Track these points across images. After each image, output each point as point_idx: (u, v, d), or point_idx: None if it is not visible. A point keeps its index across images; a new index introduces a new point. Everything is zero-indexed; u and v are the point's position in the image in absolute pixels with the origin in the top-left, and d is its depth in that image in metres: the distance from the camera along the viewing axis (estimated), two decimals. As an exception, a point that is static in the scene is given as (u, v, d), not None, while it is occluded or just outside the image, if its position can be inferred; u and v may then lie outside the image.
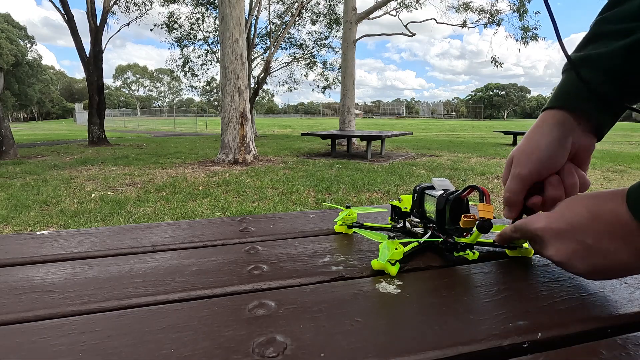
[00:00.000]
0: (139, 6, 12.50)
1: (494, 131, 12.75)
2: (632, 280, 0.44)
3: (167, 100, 78.48)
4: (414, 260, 0.49)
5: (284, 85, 17.29)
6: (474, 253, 0.48)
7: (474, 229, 0.46)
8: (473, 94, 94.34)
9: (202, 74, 18.15)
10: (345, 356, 0.29)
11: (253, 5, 12.64)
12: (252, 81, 13.62)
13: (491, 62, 11.90)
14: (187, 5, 14.30)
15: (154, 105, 76.47)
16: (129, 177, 5.14)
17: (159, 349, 0.30)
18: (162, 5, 13.84)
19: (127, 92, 78.66)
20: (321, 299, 0.39)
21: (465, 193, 0.48)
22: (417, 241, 0.50)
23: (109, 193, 4.19)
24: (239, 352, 0.30)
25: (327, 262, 0.48)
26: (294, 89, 17.50)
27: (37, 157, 7.45)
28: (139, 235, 0.59)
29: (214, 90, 18.58)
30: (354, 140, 9.37)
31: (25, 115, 70.28)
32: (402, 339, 0.32)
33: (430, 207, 0.51)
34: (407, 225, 0.57)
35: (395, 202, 0.58)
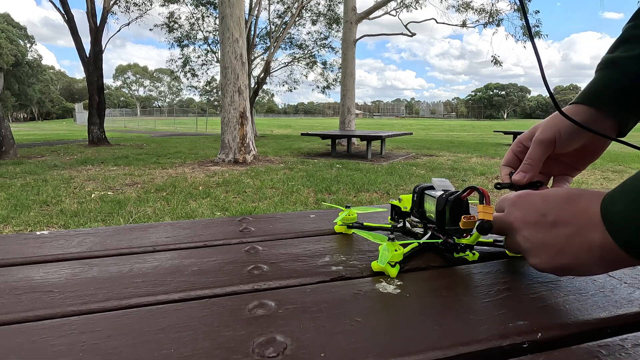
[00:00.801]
0: (139, 6, 12.50)
1: (494, 131, 12.75)
2: (632, 281, 0.44)
3: (167, 100, 78.50)
4: (414, 260, 0.49)
5: (284, 85, 17.29)
6: (473, 254, 0.48)
7: (474, 230, 0.46)
8: (473, 94, 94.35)
9: (203, 74, 18.15)
10: (345, 356, 0.29)
11: (253, 5, 12.64)
12: (252, 81, 13.62)
13: (491, 61, 11.90)
14: (187, 5, 14.30)
15: (154, 105, 76.47)
16: (129, 177, 5.14)
17: (159, 349, 0.30)
18: (162, 6, 13.84)
19: (127, 92, 78.67)
20: (321, 299, 0.39)
21: (465, 194, 0.48)
22: (417, 242, 0.50)
23: (109, 193, 4.19)
24: (239, 352, 0.30)
25: (327, 262, 0.48)
26: (294, 89, 17.51)
27: (37, 157, 7.45)
28: (139, 235, 0.59)
29: (214, 90, 18.58)
30: (354, 140, 9.37)
31: (25, 115, 70.28)
32: (402, 339, 0.32)
33: (430, 208, 0.51)
34: (407, 225, 0.57)
35: (395, 202, 0.58)
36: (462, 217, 0.45)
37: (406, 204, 0.56)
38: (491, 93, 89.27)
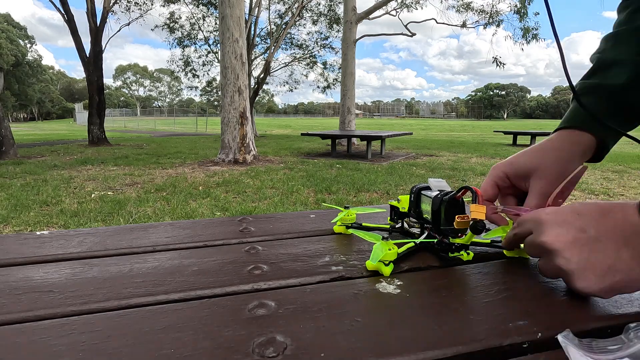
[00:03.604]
0: (140, 6, 12.50)
1: (494, 131, 12.76)
2: (632, 280, 0.44)
3: (167, 100, 78.49)
4: (413, 260, 0.49)
5: (284, 85, 17.30)
6: (468, 254, 0.48)
7: (468, 229, 0.46)
8: (473, 94, 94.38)
9: (203, 74, 18.17)
10: (345, 356, 0.29)
11: (253, 6, 12.64)
12: (252, 81, 13.62)
13: (493, 62, 11.90)
14: (187, 5, 14.30)
15: (154, 105, 76.45)
16: (129, 177, 5.13)
17: (159, 349, 0.30)
18: (163, 6, 13.84)
19: (127, 92, 78.65)
20: (321, 299, 0.39)
21: (459, 194, 0.47)
22: (414, 242, 0.50)
23: (109, 193, 4.19)
24: (239, 352, 0.30)
25: (327, 262, 0.48)
26: (294, 89, 17.51)
27: (37, 157, 7.44)
28: (139, 235, 0.59)
29: (214, 90, 18.58)
30: (354, 140, 9.37)
31: (25, 115, 70.27)
32: (402, 339, 0.32)
33: (426, 208, 0.51)
34: (405, 225, 0.57)
35: (394, 203, 0.58)
36: (457, 216, 0.45)
37: (404, 204, 0.56)
38: (491, 93, 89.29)
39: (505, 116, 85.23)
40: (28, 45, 53.76)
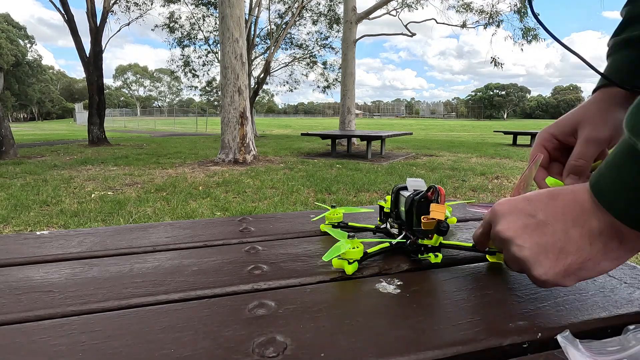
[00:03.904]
0: (140, 6, 12.50)
1: (494, 131, 12.75)
2: (632, 281, 0.44)
3: (167, 100, 78.50)
4: (413, 260, 0.49)
5: (284, 85, 17.30)
6: (436, 256, 0.48)
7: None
8: (473, 94, 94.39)
9: (203, 74, 18.18)
10: (345, 356, 0.29)
11: (253, 6, 12.65)
12: (252, 81, 13.62)
13: (491, 62, 11.90)
14: (187, 5, 14.31)
15: (154, 105, 76.45)
16: (129, 177, 5.14)
17: (159, 349, 0.30)
18: (163, 6, 13.84)
19: (127, 92, 78.67)
20: (321, 299, 0.39)
21: (429, 193, 0.46)
22: (389, 242, 0.49)
23: (109, 193, 4.19)
24: (239, 352, 0.30)
25: (327, 262, 0.48)
26: (294, 89, 17.51)
27: (37, 157, 7.45)
28: (139, 235, 0.59)
29: (214, 90, 18.58)
30: (354, 140, 9.37)
31: (25, 115, 70.28)
32: (402, 339, 0.32)
33: (402, 208, 0.50)
34: (387, 225, 0.57)
35: (382, 203, 0.58)
36: (422, 217, 0.45)
37: (389, 204, 0.56)
38: (491, 93, 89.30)
39: (505, 116, 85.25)
40: (28, 45, 53.79)
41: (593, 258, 0.33)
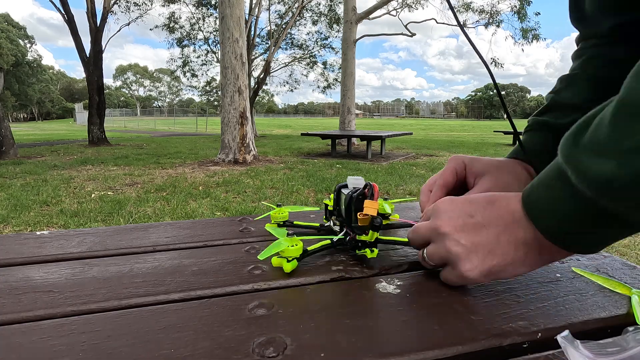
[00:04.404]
0: (140, 6, 12.50)
1: (494, 131, 12.76)
2: (632, 281, 0.44)
3: (167, 100, 78.45)
4: (413, 260, 0.49)
5: (284, 85, 17.30)
6: (372, 251, 0.48)
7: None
8: (473, 94, 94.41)
9: (202, 74, 18.16)
10: (345, 356, 0.29)
11: (253, 6, 12.65)
12: (252, 81, 13.62)
13: (491, 62, 11.90)
14: (187, 5, 14.31)
15: (154, 105, 76.45)
16: (129, 177, 5.14)
17: (159, 349, 0.30)
18: (163, 6, 13.84)
19: (127, 92, 78.64)
20: (321, 299, 0.39)
21: (366, 190, 0.47)
22: (330, 239, 0.50)
23: (109, 193, 4.19)
24: (239, 352, 0.30)
25: (327, 262, 0.48)
26: (294, 89, 17.52)
27: (37, 157, 7.44)
28: (139, 235, 0.59)
29: (214, 90, 18.58)
30: (354, 140, 9.37)
31: (25, 115, 70.27)
32: (402, 339, 0.32)
33: (343, 206, 0.51)
34: (331, 223, 0.58)
35: (327, 201, 0.58)
36: (358, 214, 0.46)
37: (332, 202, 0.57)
38: (491, 93, 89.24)
39: (505, 116, 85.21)
40: (28, 45, 53.77)
41: (514, 263, 0.37)
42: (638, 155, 0.26)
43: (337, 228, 0.55)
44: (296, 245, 0.45)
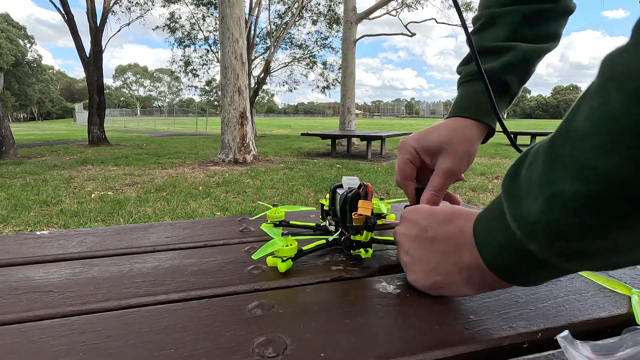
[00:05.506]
0: (140, 6, 12.50)
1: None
2: (632, 281, 0.44)
3: (167, 100, 78.45)
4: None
5: (284, 85, 17.31)
6: (366, 251, 0.48)
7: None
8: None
9: (203, 74, 18.16)
10: (345, 356, 0.29)
11: (253, 6, 12.65)
12: (252, 81, 13.62)
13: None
14: (187, 5, 14.31)
15: (154, 105, 76.44)
16: (129, 177, 5.14)
17: (159, 349, 0.30)
18: (163, 6, 13.85)
19: (127, 92, 78.63)
20: (321, 299, 0.39)
21: (360, 190, 0.47)
22: (326, 239, 0.50)
23: (109, 193, 4.19)
24: (239, 352, 0.30)
25: (327, 262, 0.48)
26: (294, 89, 17.52)
27: (37, 157, 7.44)
28: (139, 235, 0.59)
29: (214, 90, 18.58)
30: (354, 140, 9.37)
31: (25, 115, 70.28)
32: (402, 339, 0.32)
33: (338, 206, 0.51)
34: (327, 223, 0.58)
35: (323, 201, 0.58)
36: (353, 214, 0.46)
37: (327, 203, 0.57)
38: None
39: (505, 116, 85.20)
40: (28, 45, 53.78)
41: (457, 283, 0.36)
42: (555, 203, 0.23)
43: (332, 228, 0.55)
44: (291, 245, 0.45)
